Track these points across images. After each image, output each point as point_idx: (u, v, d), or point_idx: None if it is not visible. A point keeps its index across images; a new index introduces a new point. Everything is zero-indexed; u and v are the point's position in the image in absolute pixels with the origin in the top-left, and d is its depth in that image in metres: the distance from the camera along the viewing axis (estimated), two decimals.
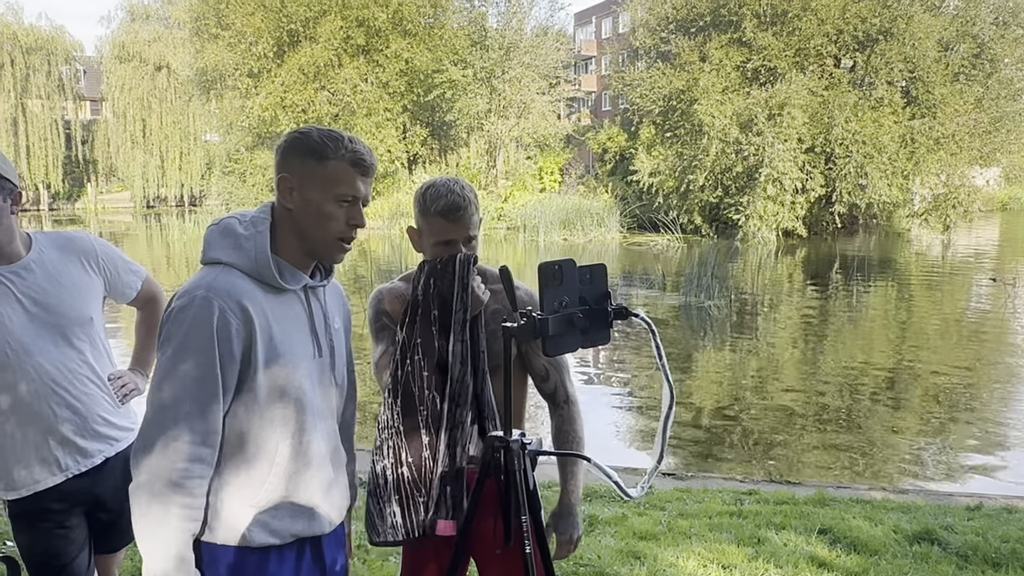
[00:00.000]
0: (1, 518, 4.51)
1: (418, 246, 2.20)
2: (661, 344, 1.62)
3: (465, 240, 2.12)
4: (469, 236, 2.12)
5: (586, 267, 1.63)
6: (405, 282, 2.29)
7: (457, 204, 2.09)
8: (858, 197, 26.14)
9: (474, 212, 2.14)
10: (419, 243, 2.20)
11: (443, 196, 2.10)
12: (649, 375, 9.83)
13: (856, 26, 26.68)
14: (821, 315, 14.57)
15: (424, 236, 2.16)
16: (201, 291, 1.65)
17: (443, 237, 2.11)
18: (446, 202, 2.09)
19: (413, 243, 2.22)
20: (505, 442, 1.73)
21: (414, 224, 2.21)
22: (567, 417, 2.28)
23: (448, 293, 2.08)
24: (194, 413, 1.62)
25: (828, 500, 5.35)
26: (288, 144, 1.76)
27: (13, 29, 45.11)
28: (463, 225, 2.10)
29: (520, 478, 1.70)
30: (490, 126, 33.62)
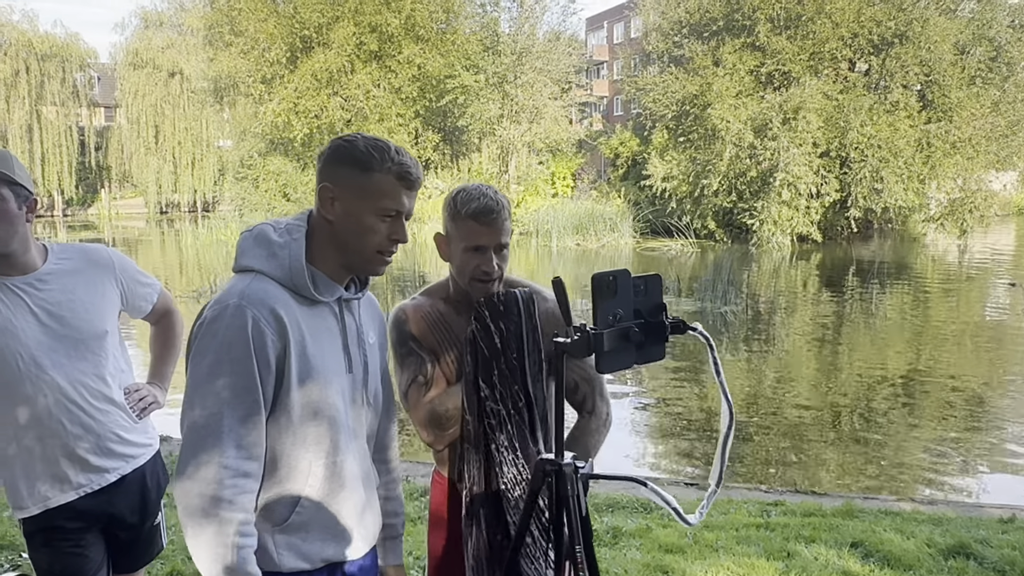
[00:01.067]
0: (16, 532, 4.46)
1: (446, 254, 2.10)
2: (719, 360, 1.53)
3: (496, 247, 2.01)
4: (501, 243, 2.02)
5: (640, 277, 1.54)
6: (428, 297, 2.19)
7: (490, 207, 1.99)
8: (874, 202, 25.92)
9: (507, 218, 2.03)
10: (447, 250, 2.09)
11: (475, 199, 2.00)
12: (668, 382, 9.72)
13: (871, 29, 26.49)
14: (837, 321, 14.42)
15: (453, 242, 2.06)
16: (234, 300, 1.58)
17: (474, 242, 2.00)
18: (478, 205, 1.99)
19: (440, 251, 2.11)
20: (557, 465, 1.63)
21: (442, 231, 2.11)
22: (583, 427, 2.19)
23: (518, 334, 2.00)
24: (236, 427, 1.55)
25: (856, 512, 5.24)
26: (332, 152, 1.68)
27: (28, 36, 45.33)
28: (495, 230, 2.00)
29: (573, 504, 1.60)
30: (502, 131, 33.53)
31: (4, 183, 2.15)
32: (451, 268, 2.12)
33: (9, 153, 2.23)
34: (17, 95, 44.55)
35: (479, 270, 2.02)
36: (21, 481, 2.23)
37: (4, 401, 2.18)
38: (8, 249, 2.17)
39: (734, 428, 1.56)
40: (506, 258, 2.05)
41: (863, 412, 8.55)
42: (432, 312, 2.14)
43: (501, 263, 2.03)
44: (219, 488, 1.52)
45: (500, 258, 2.03)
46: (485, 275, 2.02)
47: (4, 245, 2.16)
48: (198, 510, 1.53)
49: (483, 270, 2.02)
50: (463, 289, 2.11)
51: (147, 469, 2.43)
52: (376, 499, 1.87)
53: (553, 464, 1.65)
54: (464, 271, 2.05)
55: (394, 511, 2.00)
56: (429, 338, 2.11)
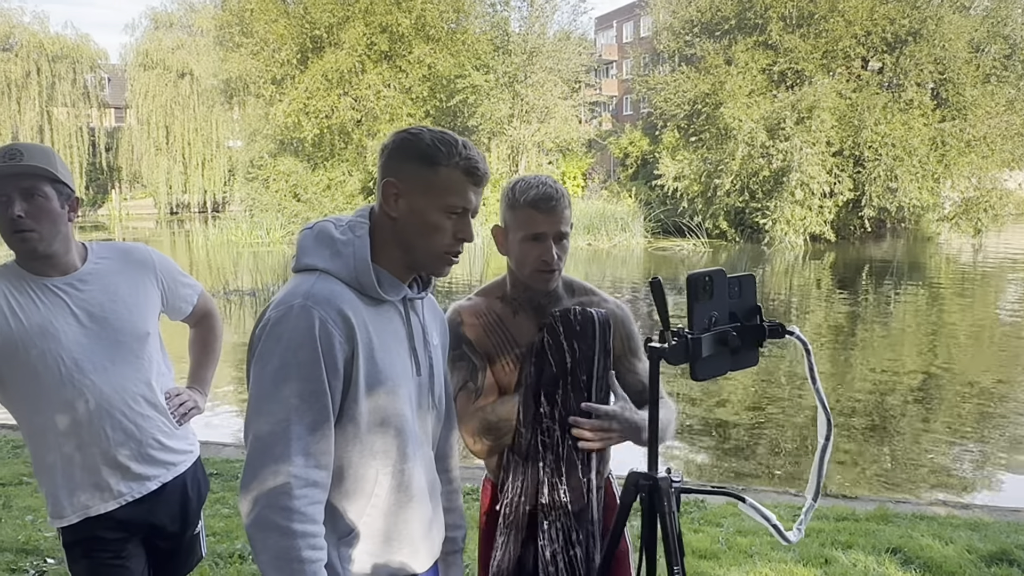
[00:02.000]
0: (41, 536, 4.40)
1: (503, 246, 2.02)
2: (816, 366, 1.44)
3: (556, 236, 1.94)
4: (560, 232, 1.94)
5: (735, 278, 1.45)
6: (484, 297, 2.10)
7: (549, 195, 1.92)
8: (888, 201, 25.76)
9: (567, 207, 1.95)
10: (504, 243, 2.02)
11: (534, 187, 1.93)
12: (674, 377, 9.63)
13: (885, 27, 26.33)
14: (851, 321, 14.29)
15: (511, 232, 1.98)
16: (299, 300, 1.49)
17: (532, 230, 1.92)
18: (537, 193, 1.92)
19: (498, 244, 2.03)
20: (652, 479, 1.54)
21: (500, 223, 2.03)
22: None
23: (589, 357, 1.93)
24: (304, 435, 1.46)
25: (891, 516, 5.14)
26: (396, 146, 1.60)
27: (39, 38, 45.44)
28: (555, 218, 1.92)
29: (670, 520, 1.51)
30: (512, 131, 33.43)
31: (47, 181, 2.08)
32: (509, 262, 2.04)
33: (51, 149, 2.17)
34: (28, 96, 44.66)
35: (539, 260, 1.94)
36: (62, 490, 2.15)
37: (45, 407, 2.10)
38: (51, 249, 2.10)
39: (832, 439, 1.47)
40: (566, 249, 1.97)
41: (881, 413, 8.44)
42: (488, 314, 2.06)
43: (561, 253, 1.96)
44: (288, 499, 1.44)
45: (560, 248, 1.95)
46: (545, 265, 1.94)
47: (47, 245, 2.09)
48: (266, 522, 1.44)
49: (543, 260, 1.94)
50: (521, 286, 2.04)
51: (188, 477, 2.36)
52: (441, 510, 1.79)
53: (648, 478, 1.55)
54: (523, 262, 1.97)
55: (455, 523, 1.93)
56: (485, 342, 2.03)
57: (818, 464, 1.49)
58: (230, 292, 17.38)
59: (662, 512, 1.53)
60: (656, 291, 1.42)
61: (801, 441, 7.59)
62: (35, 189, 2.06)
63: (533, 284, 1.99)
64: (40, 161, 2.07)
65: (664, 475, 1.56)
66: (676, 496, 1.56)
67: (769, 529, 1.51)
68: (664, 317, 1.42)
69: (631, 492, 1.58)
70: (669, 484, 1.54)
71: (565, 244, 1.97)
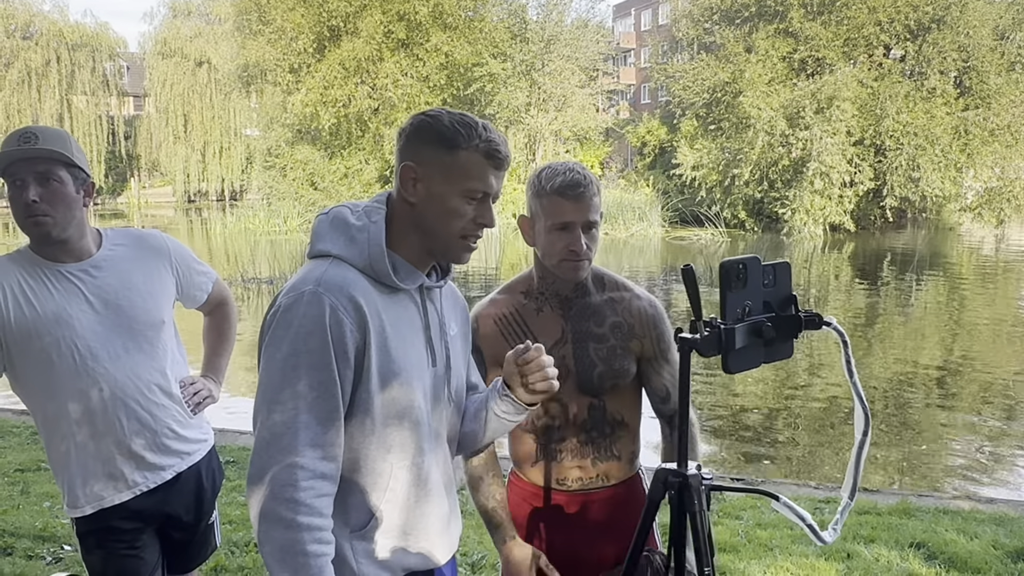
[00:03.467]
0: (58, 522, 4.40)
1: (530, 237, 1.95)
2: (853, 358, 1.38)
3: (585, 225, 1.86)
4: (590, 220, 1.87)
5: (769, 265, 1.39)
6: (508, 293, 2.04)
7: (577, 181, 1.84)
8: (909, 191, 25.46)
9: (595, 194, 1.88)
10: (531, 233, 1.95)
11: (560, 174, 1.86)
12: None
13: (908, 14, 25.96)
14: (871, 312, 14.14)
15: (538, 221, 1.91)
16: (309, 286, 1.45)
17: (560, 219, 1.85)
18: (564, 180, 1.85)
19: (524, 234, 1.97)
20: (682, 476, 1.48)
21: (525, 212, 1.96)
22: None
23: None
24: (312, 425, 1.42)
25: (913, 510, 5.06)
26: (414, 129, 1.54)
27: (59, 26, 45.67)
28: (583, 205, 1.85)
29: (700, 520, 1.45)
30: (530, 119, 33.33)
31: (62, 165, 2.05)
32: (536, 252, 1.97)
33: (67, 133, 2.13)
34: (48, 84, 44.94)
35: (567, 250, 1.87)
36: (77, 479, 2.12)
37: (59, 395, 2.07)
38: (65, 234, 2.07)
39: (870, 435, 1.40)
40: (596, 239, 1.90)
41: (901, 404, 8.34)
42: (509, 313, 2.00)
43: (590, 243, 1.89)
44: (294, 491, 1.40)
45: (589, 238, 1.88)
46: (573, 255, 1.87)
47: (61, 230, 2.06)
48: (271, 514, 1.40)
49: (571, 249, 1.87)
50: (549, 278, 1.98)
51: (203, 466, 2.33)
52: (457, 504, 1.74)
53: (677, 475, 1.49)
54: (551, 252, 1.90)
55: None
56: (502, 346, 1.94)
57: (855, 462, 1.42)
58: (248, 280, 17.41)
59: (692, 511, 1.47)
60: (688, 279, 1.35)
61: (819, 432, 7.51)
62: (50, 173, 2.02)
63: (561, 275, 1.93)
64: (56, 145, 2.03)
65: (695, 472, 1.50)
66: (707, 494, 1.51)
67: (804, 529, 1.45)
68: (696, 306, 1.35)
69: (659, 489, 1.52)
70: (700, 481, 1.48)
71: (595, 233, 1.90)
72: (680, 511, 1.49)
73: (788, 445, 7.27)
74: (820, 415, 8.05)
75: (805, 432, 7.57)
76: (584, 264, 1.91)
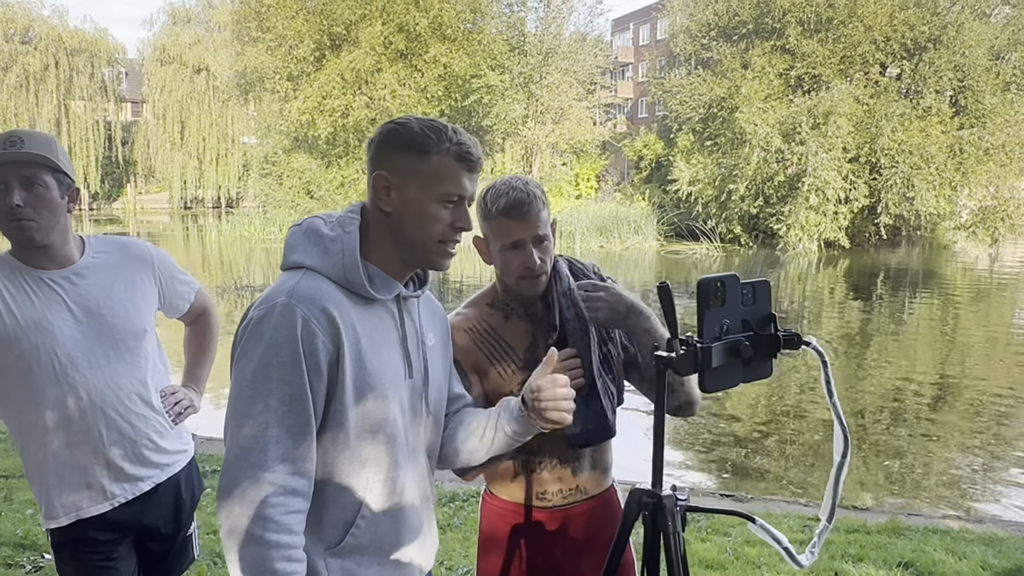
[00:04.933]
0: (40, 531, 4.36)
1: (487, 256, 1.96)
2: (833, 379, 1.36)
3: (535, 240, 1.87)
4: (539, 235, 1.88)
5: (748, 283, 1.37)
6: (475, 307, 2.03)
7: (520, 200, 1.85)
8: (904, 208, 25.54)
9: (542, 208, 1.88)
10: (487, 253, 1.96)
11: (503, 194, 1.87)
12: None
13: (904, 33, 26.11)
14: (864, 329, 14.13)
15: (491, 242, 1.92)
16: (282, 298, 1.43)
17: (509, 239, 1.87)
18: (507, 200, 1.85)
19: (482, 255, 1.98)
20: (656, 496, 1.46)
21: (480, 234, 1.97)
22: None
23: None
24: (283, 439, 1.39)
25: (902, 529, 5.04)
26: (384, 137, 1.53)
27: (58, 31, 45.75)
28: (530, 223, 1.86)
29: (674, 541, 1.43)
30: (527, 132, 33.43)
31: (48, 169, 2.03)
32: (496, 270, 1.98)
33: (53, 138, 2.11)
34: (46, 89, 44.97)
35: (522, 267, 1.89)
36: (52, 490, 2.09)
37: (37, 403, 2.04)
38: (48, 240, 2.04)
39: (849, 456, 1.38)
40: (548, 250, 1.91)
41: (893, 423, 8.32)
42: (479, 324, 2.00)
43: (543, 256, 1.90)
44: (264, 507, 1.38)
45: (541, 251, 1.89)
46: (529, 272, 1.89)
47: (45, 235, 2.03)
48: (240, 531, 1.38)
49: (526, 267, 1.88)
50: (512, 292, 1.98)
51: (182, 477, 2.30)
52: (434, 519, 1.71)
53: (652, 495, 1.47)
54: (508, 271, 1.92)
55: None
56: (476, 355, 1.96)
57: (833, 483, 1.40)
58: (241, 288, 17.36)
59: (666, 532, 1.44)
60: (664, 296, 1.34)
61: (811, 449, 7.48)
62: (35, 178, 2.00)
63: (521, 291, 1.95)
64: (41, 149, 2.01)
65: (669, 493, 1.47)
66: (682, 515, 1.48)
67: (780, 552, 1.43)
68: (672, 324, 1.34)
69: (634, 510, 1.50)
70: (675, 503, 1.46)
71: (546, 245, 1.91)
72: (654, 532, 1.46)
73: (782, 460, 7.24)
74: (818, 430, 8.03)
75: (800, 448, 7.54)
76: (542, 278, 1.92)
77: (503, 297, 2.02)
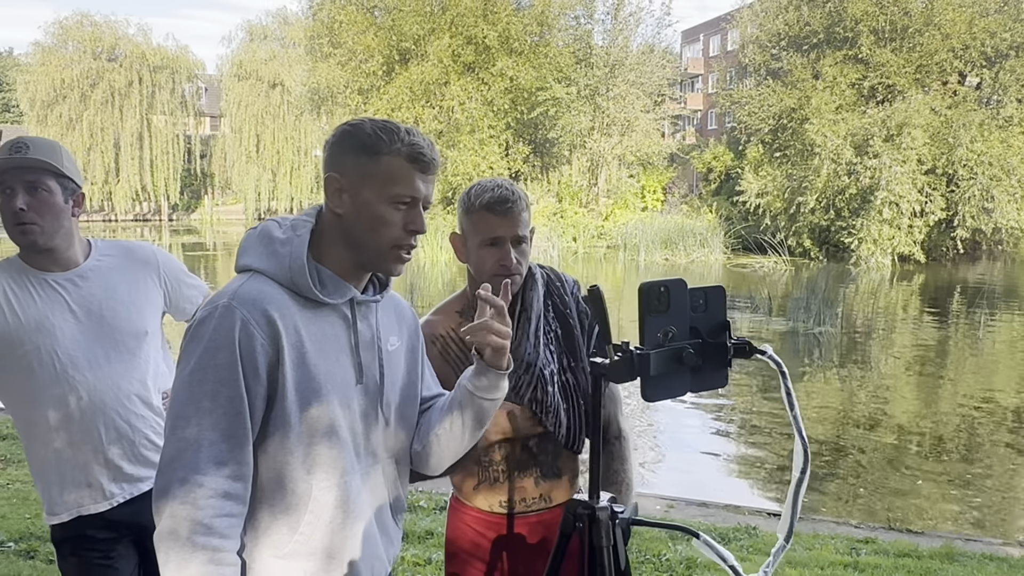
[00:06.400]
0: None
1: (462, 254, 1.96)
2: (793, 390, 1.29)
3: (514, 240, 1.87)
4: (518, 235, 1.87)
5: (699, 289, 1.32)
6: (442, 315, 2.02)
7: (505, 197, 1.86)
8: (983, 222, 24.59)
9: (523, 209, 1.89)
10: (463, 250, 1.96)
11: (489, 190, 1.88)
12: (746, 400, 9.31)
13: (984, 41, 25.25)
14: (940, 347, 13.61)
15: (469, 238, 1.92)
16: (224, 300, 1.42)
17: (489, 234, 1.87)
18: (492, 195, 1.86)
19: (457, 252, 1.98)
20: (590, 508, 1.41)
21: (457, 230, 1.97)
22: (617, 455, 2.01)
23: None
24: (217, 442, 1.38)
25: (957, 555, 4.82)
26: (337, 139, 1.52)
27: (142, 49, 47.67)
28: (511, 220, 1.86)
29: (609, 556, 1.38)
30: (593, 144, 33.31)
31: (51, 175, 2.09)
32: (469, 269, 1.98)
33: (59, 144, 2.18)
34: (130, 104, 46.83)
35: (498, 264, 1.88)
36: (53, 487, 2.16)
37: (38, 402, 2.11)
38: (52, 243, 2.12)
39: (808, 472, 1.31)
40: (525, 253, 1.90)
41: (965, 444, 7.97)
42: (445, 335, 1.98)
43: (520, 257, 1.89)
44: (194, 510, 1.36)
45: (519, 252, 1.89)
46: (504, 269, 1.87)
47: (48, 239, 2.10)
48: (170, 533, 1.37)
49: (502, 264, 1.87)
50: None
51: None
52: (394, 527, 1.68)
53: (586, 507, 1.42)
54: (482, 268, 1.91)
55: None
56: (443, 369, 1.93)
57: (792, 500, 1.33)
58: None
59: (599, 545, 1.39)
60: (595, 300, 1.29)
61: (869, 465, 7.22)
62: (39, 183, 2.07)
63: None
64: (45, 155, 2.08)
65: (604, 505, 1.42)
66: (624, 529, 1.42)
67: (726, 569, 1.36)
68: (605, 329, 1.29)
69: (569, 522, 1.45)
70: (610, 515, 1.40)
71: (524, 248, 1.90)
72: (589, 546, 1.41)
73: (840, 478, 7.00)
74: (883, 447, 7.76)
75: (861, 466, 7.29)
76: (515, 279, 1.90)
77: (473, 302, 1.99)
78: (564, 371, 1.96)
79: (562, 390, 1.93)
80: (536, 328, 1.95)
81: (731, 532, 5.04)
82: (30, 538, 4.44)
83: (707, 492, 6.31)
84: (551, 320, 1.99)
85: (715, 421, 8.89)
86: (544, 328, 1.96)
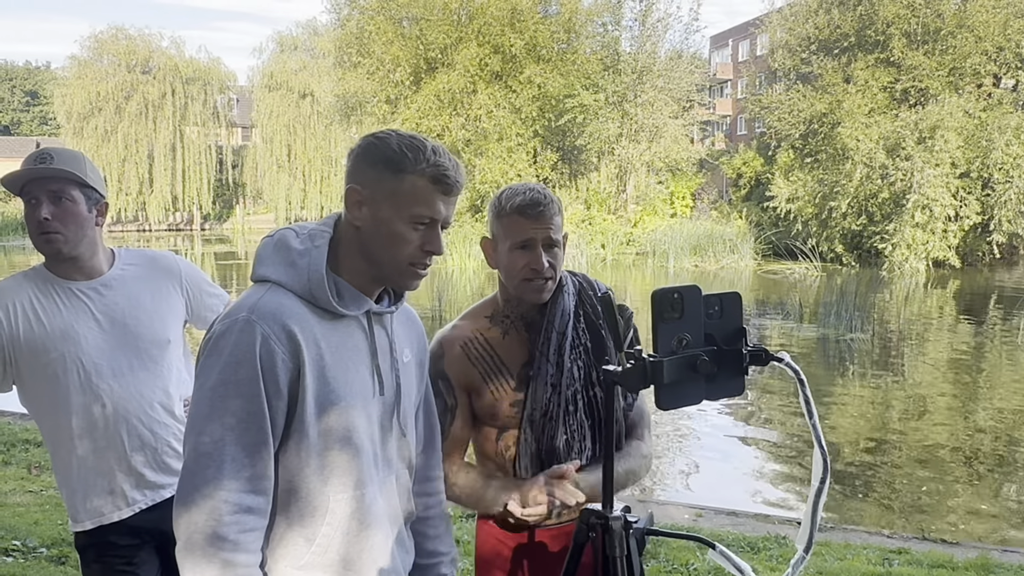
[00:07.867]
0: None
1: (493, 259, 1.93)
2: (812, 398, 1.27)
3: (546, 243, 1.84)
4: (550, 239, 1.84)
5: (715, 296, 1.30)
6: (472, 320, 1.99)
7: (537, 200, 1.84)
8: (1019, 226, 24.14)
9: (556, 213, 1.86)
10: (494, 255, 1.92)
11: (520, 194, 1.86)
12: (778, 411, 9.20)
13: (1019, 43, 24.87)
14: (976, 353, 13.37)
15: (500, 242, 1.89)
16: (243, 314, 1.42)
17: (521, 237, 1.84)
18: (524, 199, 1.84)
19: (487, 257, 1.95)
20: (604, 518, 1.39)
21: (488, 235, 1.94)
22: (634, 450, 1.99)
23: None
24: (239, 456, 1.39)
25: (993, 566, 4.71)
26: (362, 151, 1.52)
27: (175, 61, 48.40)
28: (543, 223, 1.83)
29: (622, 566, 1.36)
30: (621, 150, 33.22)
31: (75, 185, 2.13)
32: (500, 275, 1.95)
33: (82, 154, 2.21)
34: (163, 116, 47.52)
35: (528, 268, 1.85)
36: (77, 494, 2.18)
37: (62, 410, 2.14)
38: (76, 252, 2.14)
39: (828, 482, 1.29)
40: (558, 257, 1.87)
41: (1003, 454, 7.81)
42: (474, 340, 1.96)
43: (552, 261, 1.85)
44: (218, 525, 1.37)
45: (551, 256, 1.85)
46: (535, 273, 1.85)
47: (72, 248, 2.13)
48: (194, 548, 1.37)
49: (532, 268, 1.85)
50: (513, 301, 1.94)
51: None
52: (408, 538, 1.68)
53: (600, 517, 1.40)
54: (512, 272, 1.88)
55: (434, 550, 1.79)
56: (470, 373, 1.92)
57: (811, 511, 1.30)
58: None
59: (612, 555, 1.37)
60: (606, 306, 1.27)
61: (903, 474, 7.11)
62: (63, 192, 2.11)
63: (524, 295, 1.90)
64: (69, 165, 2.11)
65: (618, 514, 1.40)
66: (639, 538, 1.40)
67: None
68: (616, 337, 1.27)
69: (583, 531, 1.43)
70: (623, 525, 1.38)
71: (556, 252, 1.87)
72: (603, 555, 1.39)
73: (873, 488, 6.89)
74: (918, 456, 7.63)
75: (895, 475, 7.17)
76: (547, 284, 1.87)
77: (503, 308, 1.98)
78: (591, 385, 1.92)
79: (587, 407, 1.91)
80: (559, 346, 1.91)
81: (760, 542, 4.98)
82: (62, 544, 4.50)
83: (737, 502, 6.24)
84: (581, 332, 1.95)
85: (747, 428, 8.80)
86: (572, 340, 1.93)
